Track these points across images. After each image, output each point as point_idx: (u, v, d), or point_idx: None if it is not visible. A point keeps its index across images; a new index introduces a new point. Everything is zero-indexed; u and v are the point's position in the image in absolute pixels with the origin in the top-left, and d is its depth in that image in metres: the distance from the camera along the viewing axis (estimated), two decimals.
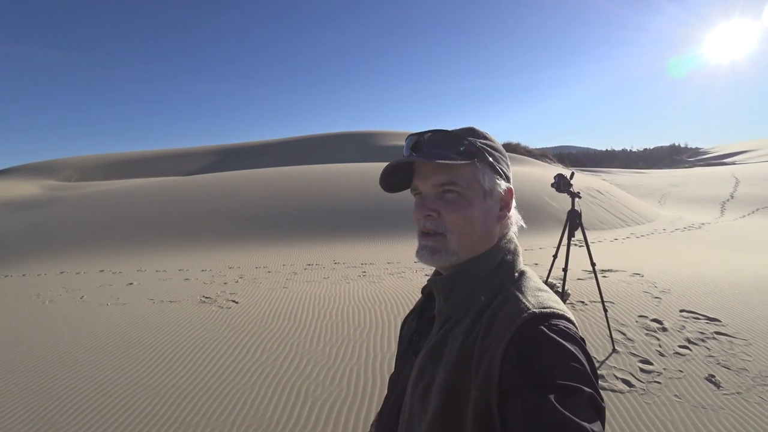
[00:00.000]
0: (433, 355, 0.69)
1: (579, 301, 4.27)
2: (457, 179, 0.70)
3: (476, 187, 0.72)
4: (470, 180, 0.71)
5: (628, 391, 2.73)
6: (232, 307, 4.77)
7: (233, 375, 3.14)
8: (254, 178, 16.02)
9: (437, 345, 0.69)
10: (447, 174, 0.71)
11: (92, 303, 5.47)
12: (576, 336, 0.60)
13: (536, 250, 7.91)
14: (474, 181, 0.71)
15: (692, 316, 3.90)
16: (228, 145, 45.23)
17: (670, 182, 24.28)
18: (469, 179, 0.71)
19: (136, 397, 2.89)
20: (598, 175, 28.44)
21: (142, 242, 10.62)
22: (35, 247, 10.87)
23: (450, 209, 0.70)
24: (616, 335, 3.47)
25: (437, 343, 0.69)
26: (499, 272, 0.71)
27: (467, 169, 0.71)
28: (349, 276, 6.25)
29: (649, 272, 5.50)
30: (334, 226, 10.54)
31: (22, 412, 2.78)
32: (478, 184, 0.72)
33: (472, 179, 0.71)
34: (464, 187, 0.71)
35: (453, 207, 0.70)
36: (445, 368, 0.65)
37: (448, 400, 0.63)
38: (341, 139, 40.52)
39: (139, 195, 15.34)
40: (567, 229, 3.44)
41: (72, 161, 38.46)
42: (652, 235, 10.31)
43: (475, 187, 0.71)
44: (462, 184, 0.71)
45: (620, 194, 14.98)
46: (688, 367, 3.02)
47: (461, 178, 0.71)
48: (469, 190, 0.71)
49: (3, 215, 15.58)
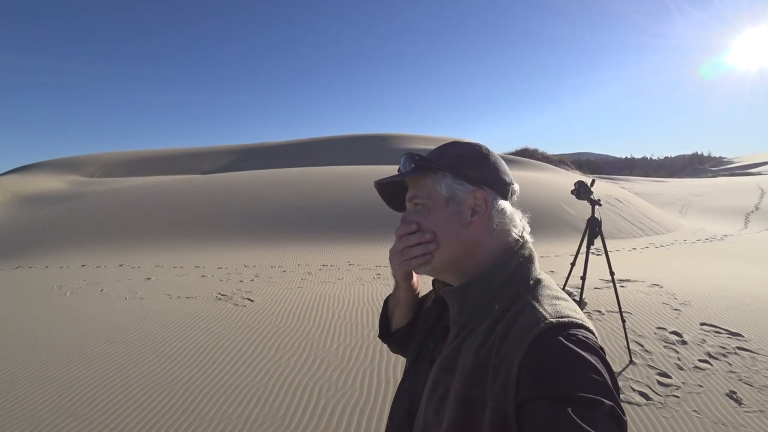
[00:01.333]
0: (447, 365, 0.68)
1: (596, 310, 4.20)
2: (418, 191, 0.76)
3: (435, 196, 0.74)
4: (430, 190, 0.75)
5: (645, 403, 2.68)
6: (247, 305, 4.82)
7: (247, 372, 3.17)
8: (271, 178, 16.20)
9: (452, 355, 0.68)
10: (413, 189, 0.77)
11: (111, 296, 5.61)
12: (595, 346, 0.59)
13: (552, 258, 7.81)
14: (433, 190, 0.75)
15: (713, 330, 3.80)
16: (246, 144, 45.80)
17: (692, 192, 23.73)
18: (429, 189, 0.75)
19: (152, 390, 2.95)
20: (617, 182, 27.93)
21: (161, 238, 10.83)
22: (58, 240, 11.19)
23: (420, 218, 0.75)
24: (633, 346, 3.41)
25: (452, 354, 0.68)
26: (513, 280, 0.70)
27: (428, 181, 0.75)
28: (363, 278, 6.27)
29: (668, 283, 5.38)
30: (349, 228, 10.59)
31: (44, 401, 2.86)
32: (437, 192, 0.74)
33: (431, 189, 0.75)
34: (424, 197, 0.75)
35: (420, 216, 0.75)
36: (460, 379, 0.64)
37: (463, 411, 0.62)
38: (358, 141, 40.66)
39: (159, 192, 15.66)
40: (586, 237, 3.39)
41: (96, 157, 39.44)
42: (673, 245, 10.08)
43: (434, 196, 0.74)
44: (422, 195, 0.75)
45: (640, 203, 14.70)
46: (708, 382, 2.95)
47: (422, 190, 0.76)
48: (429, 200, 0.75)
49: (30, 209, 16.08)
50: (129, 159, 39.35)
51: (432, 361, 0.73)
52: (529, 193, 12.52)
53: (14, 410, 2.78)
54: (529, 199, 11.89)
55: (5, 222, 14.39)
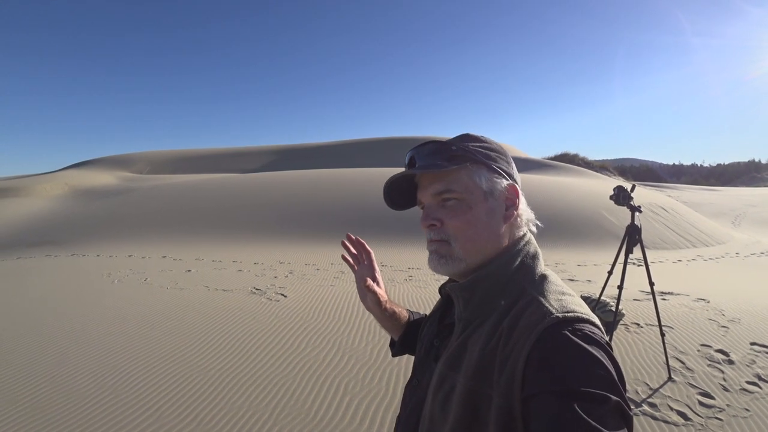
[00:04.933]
0: (453, 361, 0.68)
1: (634, 322, 4.02)
2: (452, 185, 0.70)
3: (474, 190, 0.71)
4: (467, 183, 0.70)
5: (684, 424, 2.54)
6: (280, 300, 4.96)
7: (277, 364, 3.27)
8: (309, 178, 16.54)
9: (457, 351, 0.68)
10: (442, 182, 0.71)
11: (154, 285, 5.91)
12: (601, 341, 0.58)
13: (590, 266, 7.54)
14: (471, 184, 0.71)
15: (765, 351, 3.55)
16: (286, 145, 47.00)
17: (747, 202, 22.20)
18: (466, 183, 0.70)
19: (187, 374, 3.10)
20: (662, 190, 26.55)
21: (201, 233, 11.30)
22: (109, 231, 11.91)
23: (451, 216, 0.70)
24: (673, 363, 3.24)
25: (457, 350, 0.68)
26: (519, 276, 0.69)
27: (462, 173, 0.71)
28: (395, 279, 6.29)
29: (716, 298, 5.07)
30: (382, 229, 10.64)
31: (89, 377, 3.07)
32: (476, 186, 0.71)
33: (469, 182, 0.71)
34: (461, 191, 0.70)
35: (454, 213, 0.70)
36: (466, 375, 0.63)
37: (469, 407, 0.62)
38: (395, 143, 40.81)
39: (202, 189, 16.34)
40: (625, 245, 3.25)
41: (145, 155, 41.70)
42: (723, 258, 9.47)
43: (473, 190, 0.70)
44: (459, 189, 0.70)
45: (687, 212, 13.90)
46: (756, 406, 2.75)
47: (457, 184, 0.70)
48: (467, 194, 0.70)
49: (85, 201, 17.19)
50: (175, 157, 41.32)
51: (438, 358, 0.73)
52: (568, 199, 12.14)
53: (63, 383, 3.01)
54: (568, 205, 11.53)
55: (63, 213, 15.46)
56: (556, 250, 9.14)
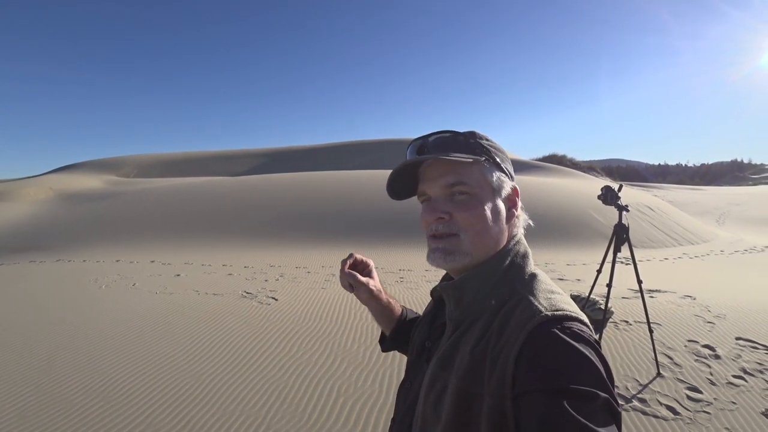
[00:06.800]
0: (444, 362, 0.68)
1: (623, 320, 4.08)
2: (465, 179, 0.69)
3: (485, 186, 0.71)
4: (479, 178, 0.70)
5: (673, 418, 2.58)
6: (271, 304, 4.93)
7: (269, 368, 3.24)
8: (299, 181, 16.48)
9: (448, 351, 0.68)
10: (455, 174, 0.69)
11: (143, 291, 5.83)
12: (590, 339, 0.58)
13: (579, 266, 7.63)
14: (483, 180, 0.70)
15: (750, 345, 3.63)
16: (275, 148, 46.73)
17: (731, 200, 22.67)
18: (478, 178, 0.70)
19: (178, 380, 3.06)
20: (649, 190, 26.98)
21: (191, 237, 11.18)
22: (95, 236, 11.72)
23: (462, 209, 0.69)
24: (662, 359, 3.29)
25: (449, 350, 0.68)
26: (509, 275, 0.69)
27: (475, 168, 0.70)
28: (386, 281, 6.29)
29: (702, 295, 5.17)
30: (373, 231, 10.64)
31: (77, 386, 3.02)
32: (487, 183, 0.71)
33: (480, 178, 0.70)
34: (474, 186, 0.69)
35: (465, 207, 0.69)
36: (458, 375, 0.63)
37: (461, 407, 0.62)
38: (386, 145, 40.86)
39: (190, 192, 16.16)
40: (613, 244, 3.30)
41: (131, 159, 41.10)
42: (708, 256, 9.65)
43: (484, 186, 0.70)
44: (471, 183, 0.69)
45: (673, 211, 14.15)
46: (742, 399, 2.81)
47: (470, 178, 0.69)
48: (479, 189, 0.70)
49: (70, 206, 16.89)
50: (163, 160, 40.81)
51: (430, 360, 0.73)
52: (556, 199, 12.26)
53: (49, 392, 2.94)
54: (557, 205, 11.65)
55: (48, 217, 15.17)
56: (546, 249, 9.23)
